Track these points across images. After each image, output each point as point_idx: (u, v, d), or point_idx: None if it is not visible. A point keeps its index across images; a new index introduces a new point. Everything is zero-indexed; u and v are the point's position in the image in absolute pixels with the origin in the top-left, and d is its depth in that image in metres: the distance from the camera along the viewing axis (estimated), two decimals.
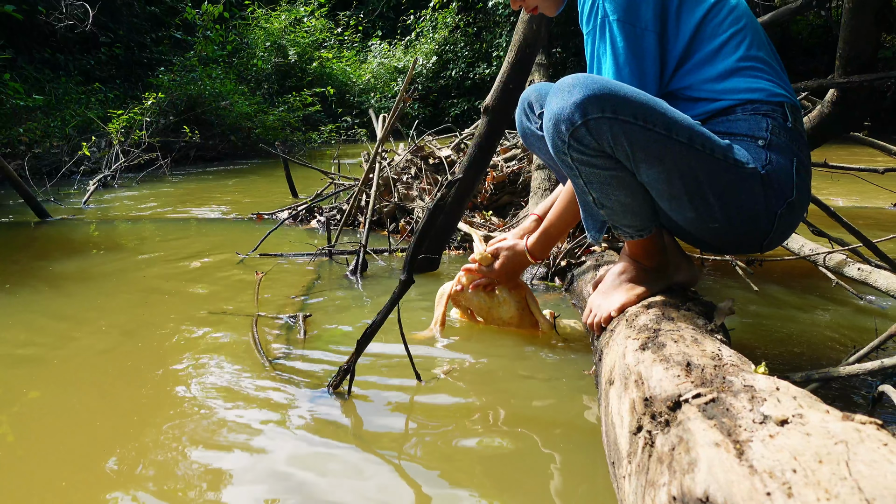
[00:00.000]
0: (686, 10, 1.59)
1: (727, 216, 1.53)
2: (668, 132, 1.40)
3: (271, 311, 2.45)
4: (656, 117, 1.40)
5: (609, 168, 1.47)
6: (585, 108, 1.38)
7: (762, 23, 3.25)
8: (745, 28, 1.60)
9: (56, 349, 2.13)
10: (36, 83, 8.65)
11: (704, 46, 1.59)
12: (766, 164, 1.50)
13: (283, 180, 5.42)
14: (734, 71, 1.57)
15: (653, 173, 1.45)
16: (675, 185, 1.46)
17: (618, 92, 1.38)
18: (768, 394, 0.85)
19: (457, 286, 2.19)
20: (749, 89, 1.56)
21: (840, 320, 2.37)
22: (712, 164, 1.46)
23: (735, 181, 1.49)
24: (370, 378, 1.84)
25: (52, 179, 6.49)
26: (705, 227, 1.57)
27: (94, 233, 4.22)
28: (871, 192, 5.11)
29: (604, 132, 1.39)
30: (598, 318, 1.68)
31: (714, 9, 1.59)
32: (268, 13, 13.13)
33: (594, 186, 1.53)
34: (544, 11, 1.89)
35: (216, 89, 9.49)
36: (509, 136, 4.67)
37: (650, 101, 1.41)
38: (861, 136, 3.16)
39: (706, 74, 1.59)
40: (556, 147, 1.48)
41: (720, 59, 1.58)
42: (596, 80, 1.39)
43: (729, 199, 1.50)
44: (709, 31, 1.59)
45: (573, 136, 1.42)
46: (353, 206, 3.98)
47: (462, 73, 15.42)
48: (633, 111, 1.38)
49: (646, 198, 1.54)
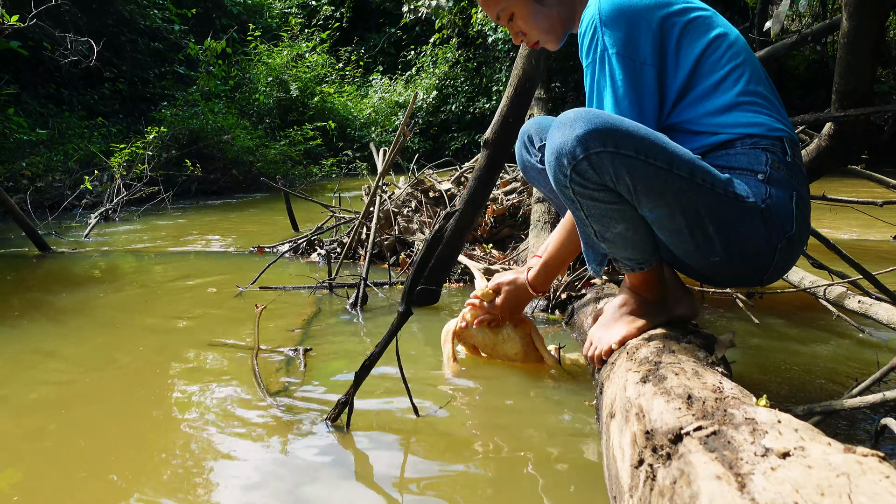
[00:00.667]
0: (685, 45, 1.60)
1: (728, 250, 1.54)
2: (669, 166, 1.41)
3: (271, 343, 2.44)
4: (658, 152, 1.41)
5: (610, 202, 1.47)
6: (587, 142, 1.39)
7: (759, 57, 3.29)
8: (743, 63, 1.61)
9: (54, 382, 2.12)
10: (40, 118, 8.73)
11: (704, 81, 1.60)
12: (766, 198, 1.51)
13: (284, 214, 5.44)
14: (734, 105, 1.59)
15: (654, 207, 1.45)
16: (676, 218, 1.47)
17: (619, 126, 1.39)
18: (770, 426, 0.84)
19: (461, 323, 2.18)
20: (748, 123, 1.58)
21: (841, 353, 2.37)
22: (713, 198, 1.46)
23: (736, 215, 1.49)
24: (369, 410, 1.83)
25: (53, 213, 6.52)
26: (706, 260, 1.58)
27: (95, 266, 4.23)
28: (870, 225, 5.12)
29: (605, 166, 1.40)
30: (598, 351, 1.67)
31: (713, 44, 1.61)
32: (270, 49, 13.27)
33: (595, 220, 1.53)
34: (545, 46, 1.91)
35: (218, 123, 9.56)
36: (509, 170, 4.69)
37: (651, 136, 1.42)
38: (859, 169, 3.18)
39: (706, 108, 1.60)
40: (557, 181, 1.48)
41: (719, 94, 1.60)
42: (598, 115, 1.40)
43: (730, 233, 1.51)
44: (707, 66, 1.60)
45: (575, 170, 1.42)
46: (354, 240, 3.99)
47: (462, 107, 15.55)
48: (635, 146, 1.39)
49: (647, 231, 1.55)
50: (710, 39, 1.61)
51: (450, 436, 1.68)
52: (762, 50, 3.25)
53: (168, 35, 11.89)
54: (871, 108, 2.49)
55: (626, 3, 1.59)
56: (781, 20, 3.06)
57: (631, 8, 1.58)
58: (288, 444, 1.64)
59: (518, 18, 1.86)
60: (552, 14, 1.83)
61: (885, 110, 2.61)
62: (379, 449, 1.61)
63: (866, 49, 2.33)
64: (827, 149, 2.75)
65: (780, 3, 3.06)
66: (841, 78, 2.47)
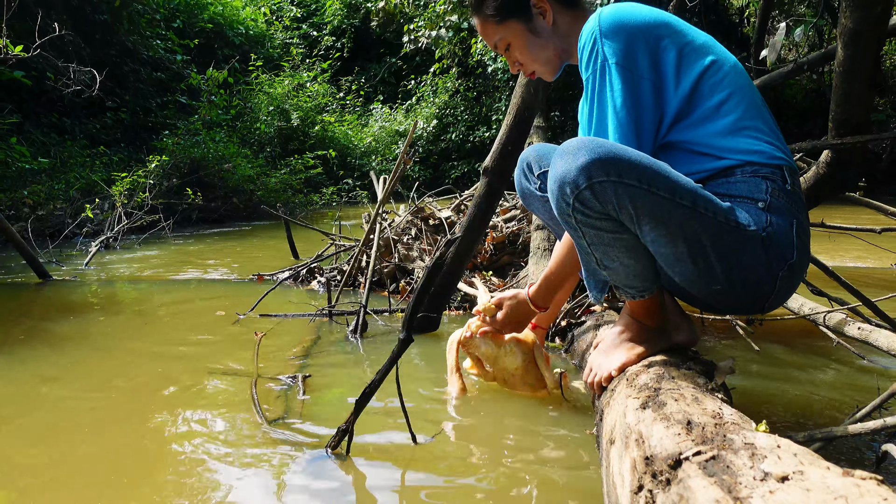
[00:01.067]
0: (685, 65, 1.62)
1: (729, 278, 1.54)
2: (671, 195, 1.42)
3: (271, 371, 2.44)
4: (660, 181, 1.42)
5: (613, 231, 1.48)
6: (590, 171, 1.40)
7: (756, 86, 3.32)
8: (742, 89, 1.63)
9: (52, 408, 2.12)
10: (42, 147, 8.78)
11: (705, 102, 1.62)
12: (767, 226, 1.52)
13: (284, 242, 5.45)
14: (736, 130, 1.60)
15: (657, 236, 1.46)
16: (678, 247, 1.48)
17: (622, 156, 1.41)
18: (769, 451, 0.84)
19: (466, 332, 2.18)
20: (750, 150, 1.59)
21: (842, 380, 2.36)
22: (715, 226, 1.47)
23: (737, 243, 1.50)
24: (369, 437, 1.83)
25: (54, 241, 6.53)
26: (708, 288, 1.58)
27: (95, 293, 4.23)
28: (869, 252, 5.13)
29: (608, 195, 1.41)
30: (598, 378, 1.67)
31: (713, 67, 1.63)
32: (272, 79, 13.38)
33: (598, 248, 1.54)
34: (542, 77, 1.94)
35: (219, 152, 9.61)
36: (509, 198, 4.71)
37: (654, 165, 1.43)
38: (857, 197, 3.19)
39: (708, 130, 1.61)
40: (560, 209, 1.49)
41: (721, 117, 1.61)
42: (601, 144, 1.42)
43: (731, 261, 1.52)
44: (708, 87, 1.62)
45: (578, 199, 1.43)
46: (354, 267, 4.00)
47: (462, 136, 15.63)
48: (638, 175, 1.40)
49: (649, 259, 1.55)
50: (710, 62, 1.63)
51: (449, 462, 1.68)
52: (759, 78, 3.28)
53: (170, 65, 12.00)
54: (867, 136, 2.51)
55: (626, 18, 1.61)
56: (777, 49, 3.09)
57: (631, 23, 1.61)
58: (287, 472, 1.63)
59: (515, 49, 1.89)
60: (548, 45, 1.86)
61: (881, 138, 2.62)
62: (379, 477, 1.60)
63: (862, 78, 2.35)
64: (825, 176, 2.76)
65: (776, 33, 3.10)
66: (837, 106, 2.49)
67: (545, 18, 1.84)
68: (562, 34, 1.85)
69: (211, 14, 14.01)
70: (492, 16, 1.87)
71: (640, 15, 1.63)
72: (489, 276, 3.85)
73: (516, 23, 1.85)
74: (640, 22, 1.61)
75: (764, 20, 4.37)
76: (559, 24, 1.85)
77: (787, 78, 3.31)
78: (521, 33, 1.86)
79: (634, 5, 1.66)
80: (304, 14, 19.65)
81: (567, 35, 1.84)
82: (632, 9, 1.64)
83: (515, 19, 1.85)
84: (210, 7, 14.11)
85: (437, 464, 1.67)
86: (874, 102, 13.52)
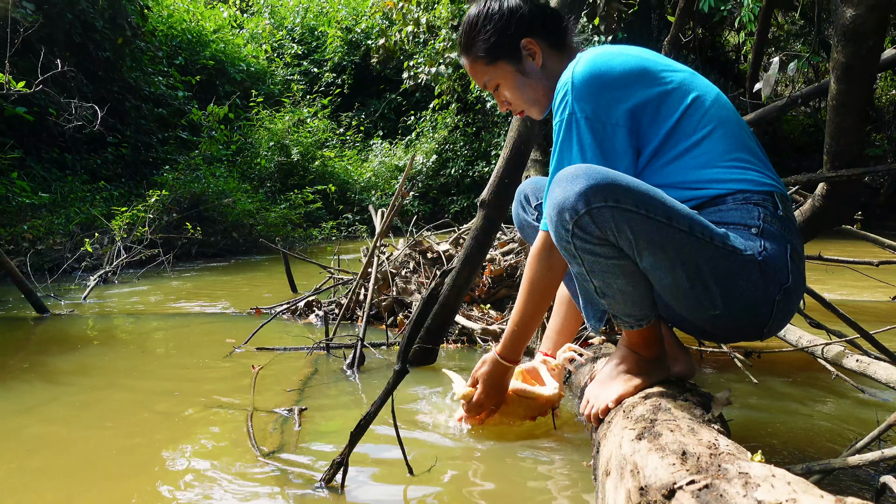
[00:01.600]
0: (664, 108, 1.65)
1: (727, 303, 1.55)
2: (668, 220, 1.44)
3: (267, 404, 2.43)
4: (657, 206, 1.44)
5: (612, 256, 1.49)
6: (589, 197, 1.42)
7: (750, 120, 3.35)
8: (725, 122, 1.65)
9: (48, 442, 2.11)
10: (43, 181, 8.81)
11: (685, 140, 1.64)
12: (762, 251, 1.53)
13: (283, 276, 5.45)
14: (719, 162, 1.62)
15: (655, 261, 1.47)
16: (677, 272, 1.49)
17: (619, 181, 1.43)
18: (763, 480, 0.84)
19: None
20: (736, 180, 1.61)
21: (840, 413, 2.35)
22: (712, 251, 1.49)
23: (734, 268, 1.51)
24: (364, 470, 1.81)
25: (53, 275, 6.52)
26: (706, 314, 1.58)
27: (92, 327, 4.22)
28: (867, 286, 5.13)
29: (607, 221, 1.42)
30: (595, 410, 1.66)
31: (693, 105, 1.65)
32: (272, 114, 13.50)
33: (596, 275, 1.55)
34: (530, 115, 1.97)
35: (219, 187, 9.66)
36: (506, 231, 4.73)
37: (650, 191, 1.45)
38: (854, 230, 3.20)
39: (688, 164, 1.64)
40: (559, 235, 1.51)
41: (702, 151, 1.63)
42: (598, 171, 1.44)
43: (729, 285, 1.52)
44: (690, 125, 1.64)
45: (577, 225, 1.45)
46: (352, 300, 3.99)
47: (461, 171, 15.71)
48: (635, 200, 1.42)
49: (646, 287, 1.56)
50: (690, 102, 1.65)
51: (444, 494, 1.66)
52: (753, 112, 3.31)
53: (172, 101, 12.11)
54: (861, 169, 2.53)
55: (600, 71, 1.64)
56: (771, 83, 3.13)
57: (605, 76, 1.63)
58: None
59: (504, 89, 1.92)
60: (537, 86, 1.89)
61: (875, 171, 2.65)
62: None
63: (854, 111, 2.38)
64: (821, 209, 2.78)
65: (770, 67, 3.14)
66: (832, 139, 2.51)
67: (534, 60, 1.87)
68: (550, 74, 1.87)
69: (213, 51, 14.18)
70: (482, 57, 1.89)
71: (616, 65, 1.65)
72: (487, 309, 3.85)
73: (506, 64, 1.88)
74: (614, 74, 1.64)
75: (758, 56, 4.43)
76: (548, 64, 1.88)
77: (782, 112, 3.35)
78: (511, 74, 1.89)
79: (613, 53, 1.68)
80: (305, 51, 19.88)
81: (555, 75, 1.85)
82: (608, 59, 1.66)
83: (505, 61, 1.88)
84: (212, 44, 14.29)
85: (433, 496, 1.66)
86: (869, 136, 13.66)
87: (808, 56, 3.49)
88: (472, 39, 1.90)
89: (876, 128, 14.20)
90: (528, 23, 1.86)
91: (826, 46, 3.22)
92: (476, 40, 1.88)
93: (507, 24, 1.85)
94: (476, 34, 1.88)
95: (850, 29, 2.09)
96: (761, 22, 4.44)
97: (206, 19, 14.79)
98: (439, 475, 1.78)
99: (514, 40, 1.85)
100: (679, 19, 4.41)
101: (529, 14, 1.86)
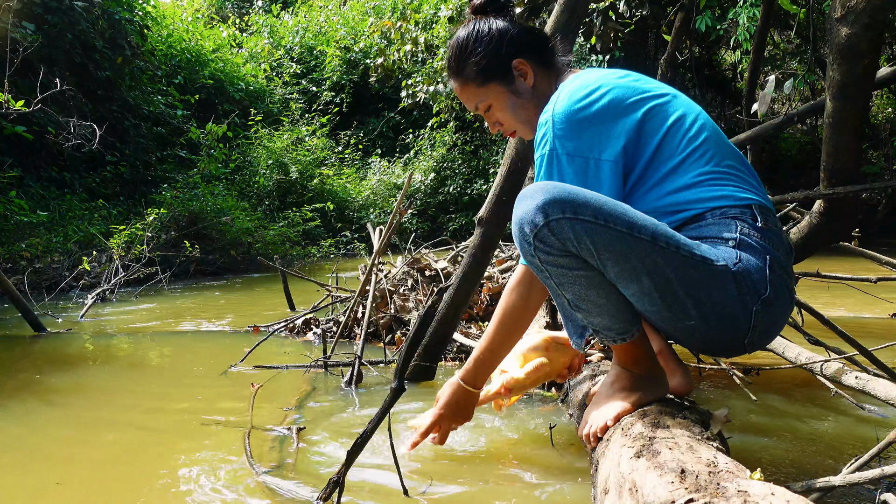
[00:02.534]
0: (644, 135, 1.65)
1: (701, 314, 1.54)
2: (629, 230, 1.45)
3: (265, 422, 2.41)
4: (616, 217, 1.45)
5: (576, 268, 1.50)
6: (546, 209, 1.44)
7: (747, 138, 3.37)
8: (705, 142, 1.66)
9: (43, 461, 2.09)
10: (41, 200, 8.82)
11: (663, 167, 1.65)
12: (737, 261, 1.53)
13: (281, 294, 5.44)
14: (696, 183, 1.63)
15: (620, 271, 1.48)
16: (643, 282, 1.49)
17: (577, 195, 1.45)
18: (762, 498, 0.83)
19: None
20: (714, 197, 1.61)
21: (840, 430, 2.34)
22: (679, 260, 1.48)
23: (705, 278, 1.51)
24: (361, 488, 1.81)
25: (51, 293, 6.51)
26: (681, 325, 1.58)
27: (89, 346, 4.21)
28: (866, 303, 5.13)
29: (566, 232, 1.44)
30: (593, 429, 1.65)
31: (671, 130, 1.65)
32: (271, 133, 13.53)
33: (566, 288, 1.55)
34: (521, 135, 1.96)
35: (218, 205, 9.67)
36: (504, 249, 4.73)
37: (610, 203, 1.47)
38: (852, 247, 3.21)
39: (668, 188, 1.64)
40: (523, 250, 1.53)
41: (679, 175, 1.64)
42: (556, 185, 1.47)
43: (701, 295, 1.52)
44: (667, 152, 1.65)
45: (537, 238, 1.47)
46: (350, 318, 3.98)
47: (460, 188, 15.74)
48: (594, 212, 1.44)
49: (620, 299, 1.56)
50: (668, 127, 1.65)
51: None
52: (750, 130, 3.33)
53: (171, 120, 12.15)
54: (858, 186, 2.54)
55: (579, 107, 1.64)
56: (767, 102, 3.15)
57: (584, 111, 1.64)
58: None
59: (496, 110, 1.91)
60: (528, 106, 1.87)
61: (872, 188, 2.65)
62: None
63: (851, 128, 2.39)
64: (818, 226, 2.78)
65: (766, 86, 3.16)
66: (828, 157, 2.52)
67: (526, 80, 1.86)
68: (540, 94, 1.87)
69: (212, 70, 14.24)
70: (474, 79, 1.88)
71: (596, 98, 1.65)
72: (485, 327, 3.84)
73: (498, 85, 1.87)
74: (594, 109, 1.64)
75: (754, 74, 4.46)
76: (538, 84, 1.87)
77: (779, 129, 3.37)
78: (503, 95, 1.88)
79: (591, 86, 1.67)
80: (304, 70, 19.96)
81: (545, 95, 1.85)
82: (588, 91, 1.66)
83: (497, 82, 1.87)
84: (211, 64, 14.36)
85: None
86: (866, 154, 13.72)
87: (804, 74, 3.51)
88: (462, 62, 1.87)
89: (872, 145, 14.27)
90: (517, 43, 1.85)
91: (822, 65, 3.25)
92: (467, 62, 1.86)
93: (498, 45, 1.84)
94: (467, 56, 1.86)
95: (846, 47, 2.10)
96: (757, 40, 4.47)
97: (205, 39, 14.88)
98: (435, 494, 1.77)
99: (506, 61, 1.84)
100: (675, 38, 4.44)
101: (518, 35, 1.86)
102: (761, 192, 1.68)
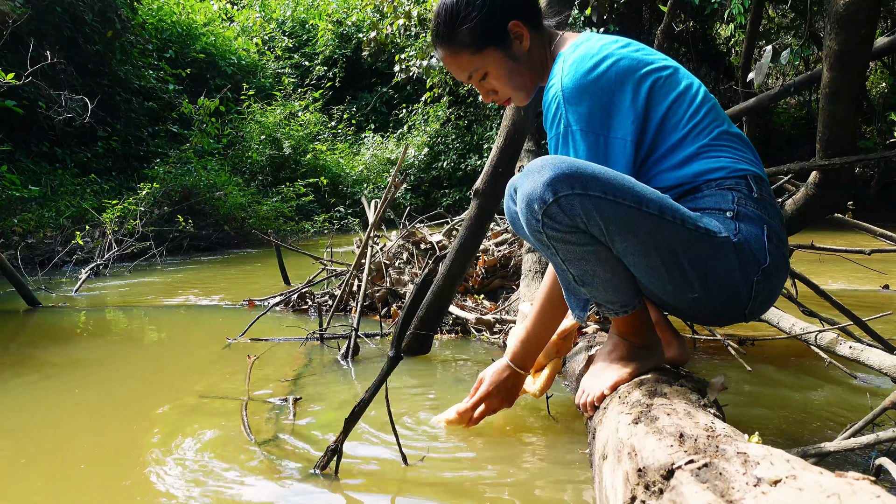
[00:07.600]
0: (651, 108, 1.64)
1: (705, 286, 1.55)
2: (637, 205, 1.45)
3: (262, 394, 2.42)
4: (625, 192, 1.44)
5: (584, 244, 1.49)
6: (555, 186, 1.43)
7: (743, 109, 3.36)
8: (704, 116, 1.65)
9: (39, 435, 2.10)
10: (33, 175, 8.75)
11: (665, 143, 1.64)
12: (737, 232, 1.54)
13: (275, 268, 5.43)
14: (693, 157, 1.63)
15: (628, 246, 1.48)
16: (651, 256, 1.49)
17: (585, 170, 1.44)
18: (761, 458, 0.84)
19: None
20: (709, 170, 1.61)
21: (834, 399, 2.36)
22: (685, 233, 1.49)
23: (709, 250, 1.52)
24: (359, 457, 1.82)
25: (44, 268, 6.49)
26: (685, 297, 1.58)
27: (84, 320, 4.20)
28: (860, 276, 5.15)
29: (575, 208, 1.43)
30: (590, 398, 1.66)
31: (674, 105, 1.64)
32: (263, 108, 13.44)
33: (572, 264, 1.55)
34: (515, 102, 1.89)
35: (211, 180, 9.62)
36: (500, 221, 4.72)
37: (618, 177, 1.46)
38: (846, 219, 3.21)
39: (672, 162, 1.64)
40: (531, 226, 1.51)
41: (683, 149, 1.63)
42: (564, 160, 1.45)
43: (705, 268, 1.53)
44: (670, 126, 1.64)
45: (546, 214, 1.45)
46: (345, 291, 3.98)
47: (453, 164, 15.68)
48: (602, 187, 1.43)
49: (625, 272, 1.56)
50: (672, 100, 1.64)
51: (439, 483, 1.66)
52: (746, 101, 3.31)
53: (162, 94, 12.04)
54: (854, 157, 2.54)
55: (588, 78, 1.61)
56: (764, 72, 3.13)
57: (593, 82, 1.61)
58: (277, 493, 1.61)
59: (492, 77, 1.83)
60: (524, 71, 1.82)
61: (867, 158, 2.65)
62: (368, 497, 1.59)
63: (847, 99, 2.38)
64: (813, 197, 2.78)
65: (763, 55, 3.14)
66: (824, 127, 2.52)
67: (522, 43, 1.80)
68: (534, 58, 1.82)
69: (203, 44, 14.09)
70: (468, 46, 1.78)
71: (604, 66, 1.62)
72: (481, 300, 3.85)
73: (495, 51, 1.78)
74: (602, 78, 1.61)
75: (750, 47, 4.43)
76: (533, 48, 1.82)
77: (774, 100, 3.35)
78: (500, 61, 1.80)
79: (596, 54, 1.64)
80: (296, 44, 19.79)
81: (539, 59, 1.82)
82: (595, 59, 1.63)
83: (494, 47, 1.78)
84: (202, 38, 14.20)
85: (428, 485, 1.65)
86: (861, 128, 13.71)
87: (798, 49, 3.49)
88: (454, 29, 1.77)
89: (866, 120, 14.25)
90: (511, 5, 1.77)
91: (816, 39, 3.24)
92: (460, 29, 1.76)
93: (492, 8, 1.75)
94: (459, 22, 1.76)
95: (844, 16, 2.09)
96: (753, 13, 4.44)
97: (196, 12, 14.70)
98: (434, 463, 1.77)
99: (502, 25, 1.76)
100: (671, 10, 4.40)
101: None
102: (757, 162, 1.68)
